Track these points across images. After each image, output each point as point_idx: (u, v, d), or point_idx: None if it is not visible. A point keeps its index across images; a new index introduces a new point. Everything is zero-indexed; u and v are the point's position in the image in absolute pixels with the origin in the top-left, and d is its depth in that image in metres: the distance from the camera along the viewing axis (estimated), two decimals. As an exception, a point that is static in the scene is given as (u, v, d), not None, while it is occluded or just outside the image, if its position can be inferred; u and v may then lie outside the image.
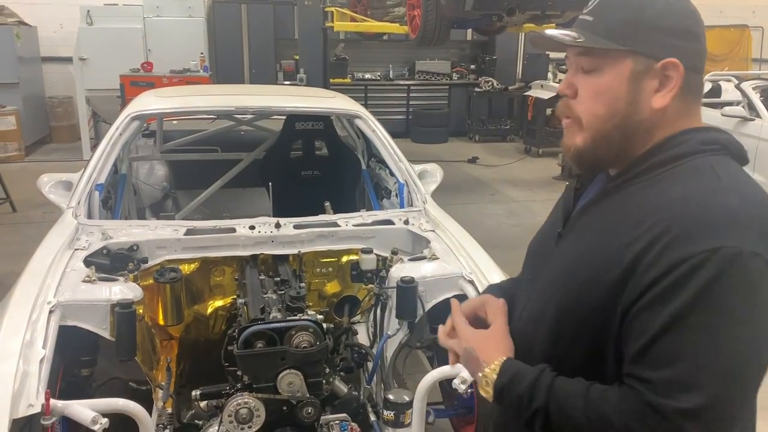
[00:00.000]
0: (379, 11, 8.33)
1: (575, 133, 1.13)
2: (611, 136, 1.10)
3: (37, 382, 1.81)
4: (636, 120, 1.08)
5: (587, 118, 1.11)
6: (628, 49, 1.06)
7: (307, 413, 2.13)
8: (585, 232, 1.13)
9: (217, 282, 2.80)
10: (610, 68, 1.08)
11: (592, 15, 1.11)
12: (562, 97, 1.16)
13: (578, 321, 1.07)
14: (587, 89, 1.10)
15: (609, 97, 1.08)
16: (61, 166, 6.77)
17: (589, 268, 1.06)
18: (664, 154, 1.07)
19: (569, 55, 1.14)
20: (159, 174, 4.47)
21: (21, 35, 9.41)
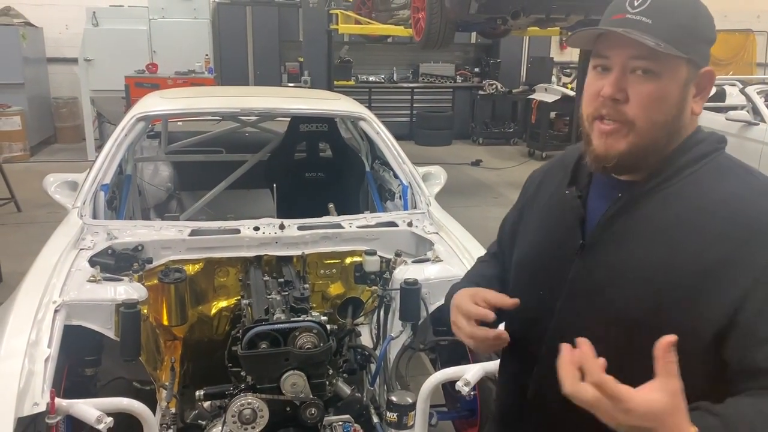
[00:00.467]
0: (383, 14, 8.34)
1: (621, 137, 1.09)
2: (660, 141, 1.10)
3: (42, 381, 1.82)
4: (679, 125, 1.11)
5: (643, 123, 1.08)
6: (687, 58, 1.07)
7: (311, 414, 2.14)
8: (628, 238, 1.10)
9: (222, 283, 2.80)
10: (669, 74, 1.07)
11: (648, 17, 1.06)
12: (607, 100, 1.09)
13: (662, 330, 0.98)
14: (645, 94, 1.07)
15: (667, 104, 1.08)
16: (66, 167, 6.78)
17: (665, 274, 1.04)
18: (690, 154, 1.11)
19: (617, 55, 1.09)
20: (164, 175, 4.48)
21: (27, 36, 9.45)
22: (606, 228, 1.14)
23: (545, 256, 1.24)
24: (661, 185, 1.10)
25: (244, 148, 4.26)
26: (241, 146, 4.30)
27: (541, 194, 1.33)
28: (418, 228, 2.90)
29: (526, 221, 1.35)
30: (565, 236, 1.19)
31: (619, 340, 1.06)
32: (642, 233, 1.09)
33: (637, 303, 1.05)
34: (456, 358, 2.51)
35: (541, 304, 1.21)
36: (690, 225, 1.05)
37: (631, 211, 1.11)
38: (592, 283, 1.13)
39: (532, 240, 1.30)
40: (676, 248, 1.04)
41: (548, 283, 1.21)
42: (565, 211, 1.22)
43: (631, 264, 1.08)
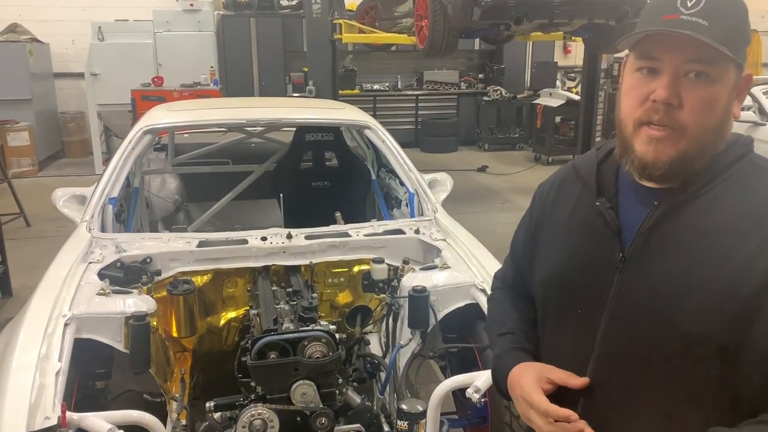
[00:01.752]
0: (387, 22, 8.37)
1: (672, 143, 1.04)
2: (707, 146, 1.06)
3: (53, 394, 1.82)
4: (725, 129, 1.08)
5: (695, 129, 1.03)
6: (737, 61, 1.04)
7: (321, 424, 2.13)
8: (673, 248, 1.05)
9: (230, 293, 2.81)
10: (721, 78, 1.04)
11: (704, 18, 1.01)
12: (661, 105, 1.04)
13: (715, 342, 0.99)
14: (699, 99, 1.03)
15: (718, 108, 1.04)
16: (74, 181, 6.85)
17: (714, 284, 1.00)
18: (726, 156, 1.08)
19: (672, 58, 1.03)
20: (171, 187, 4.50)
21: (34, 52, 9.53)
22: (647, 238, 1.08)
23: (579, 273, 1.16)
24: (700, 190, 1.06)
25: (251, 158, 4.28)
26: (248, 157, 4.32)
27: (559, 208, 1.25)
28: (426, 235, 2.90)
29: (545, 238, 1.27)
30: (601, 250, 1.13)
31: (675, 354, 1.01)
32: (686, 242, 1.04)
33: (690, 314, 1.00)
34: (466, 365, 2.50)
35: (580, 325, 1.14)
36: (735, 230, 1.01)
37: (672, 220, 1.06)
38: (638, 297, 1.07)
39: (559, 257, 1.22)
40: (726, 255, 1.00)
41: (586, 300, 1.14)
42: (596, 224, 1.15)
43: (682, 274, 1.03)
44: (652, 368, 1.02)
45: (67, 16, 10.27)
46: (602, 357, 1.02)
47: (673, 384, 0.99)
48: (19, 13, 10.07)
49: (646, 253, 1.07)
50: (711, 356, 0.99)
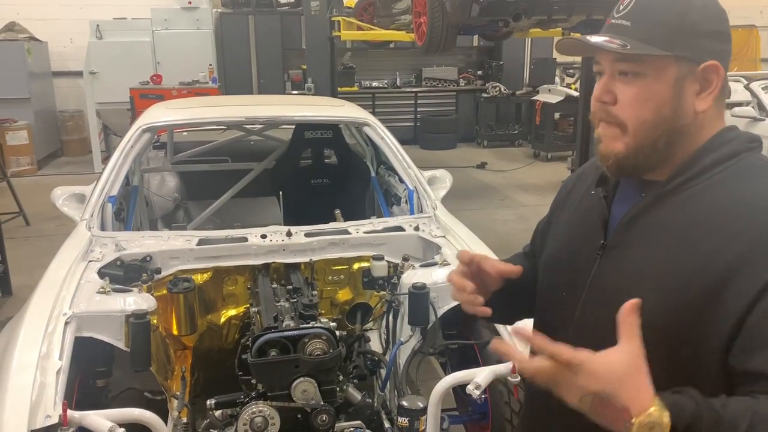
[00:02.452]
0: (385, 19, 8.36)
1: (616, 138, 1.11)
2: (657, 141, 1.09)
3: (54, 393, 1.83)
4: (681, 124, 1.09)
5: (633, 123, 1.09)
6: (673, 55, 1.06)
7: (322, 421, 2.14)
8: (648, 239, 1.09)
9: (230, 291, 2.81)
10: (654, 74, 1.06)
11: (628, 20, 1.08)
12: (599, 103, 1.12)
13: (670, 331, 1.02)
14: (631, 95, 1.08)
15: (655, 103, 1.07)
16: (73, 179, 6.82)
17: (675, 275, 1.03)
18: (715, 154, 1.08)
19: (603, 60, 1.11)
20: (170, 185, 4.50)
21: (32, 51, 9.52)
22: (627, 228, 1.13)
23: (569, 257, 1.23)
24: (684, 185, 1.08)
25: (250, 156, 4.28)
26: (247, 155, 4.32)
27: (573, 197, 1.32)
28: (425, 232, 2.90)
29: (555, 224, 1.35)
30: (590, 236, 1.19)
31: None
32: (661, 234, 1.08)
33: (652, 305, 1.01)
34: (466, 362, 2.50)
35: (563, 305, 1.20)
36: (709, 225, 1.03)
37: (652, 212, 1.10)
38: (609, 285, 1.12)
39: (558, 240, 1.30)
40: (693, 249, 1.02)
41: (571, 283, 1.20)
42: (591, 212, 1.22)
43: (647, 265, 1.07)
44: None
45: (65, 14, 10.26)
46: (574, 339, 1.01)
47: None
48: (17, 11, 10.06)
49: (623, 242, 1.12)
50: (667, 346, 1.02)
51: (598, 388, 0.89)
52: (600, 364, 0.90)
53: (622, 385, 0.88)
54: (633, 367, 0.90)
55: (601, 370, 0.89)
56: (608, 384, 0.89)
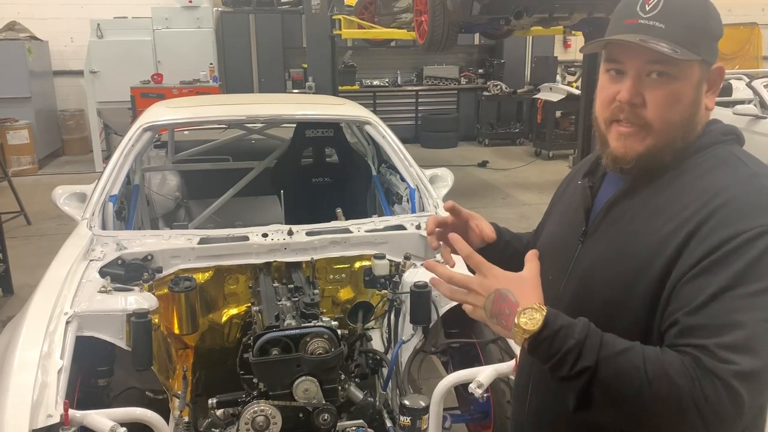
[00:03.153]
0: (386, 18, 8.35)
1: (639, 139, 1.12)
2: (676, 139, 1.12)
3: (56, 392, 1.83)
4: (695, 122, 1.13)
5: (660, 125, 1.11)
6: (701, 58, 1.09)
7: (324, 420, 2.13)
8: (618, 225, 1.15)
9: (232, 290, 2.80)
10: (684, 75, 1.09)
11: (661, 21, 1.09)
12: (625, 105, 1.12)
13: (629, 311, 1.08)
14: (661, 97, 1.10)
15: (683, 104, 1.11)
16: (74, 179, 6.85)
17: (635, 257, 1.09)
18: (694, 145, 1.14)
19: (632, 60, 1.11)
20: (171, 184, 4.50)
21: (33, 50, 9.52)
22: (604, 215, 1.19)
23: (556, 244, 1.30)
24: (659, 173, 1.14)
25: (251, 155, 4.27)
26: (248, 154, 4.31)
27: (569, 189, 1.39)
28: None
29: (550, 214, 1.44)
30: (574, 225, 1.25)
31: (596, 319, 1.09)
32: (629, 220, 1.14)
33: (612, 285, 1.11)
34: (468, 361, 2.50)
35: (549, 289, 1.24)
36: (669, 210, 1.08)
37: (627, 199, 1.16)
38: (582, 267, 1.19)
39: (550, 228, 1.38)
40: (652, 232, 1.08)
41: (555, 269, 1.25)
42: (577, 202, 1.28)
43: (612, 248, 1.14)
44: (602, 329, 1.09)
45: (66, 13, 10.26)
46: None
47: None
48: (18, 11, 10.06)
49: (601, 228, 1.19)
50: (626, 325, 1.08)
51: (497, 286, 1.08)
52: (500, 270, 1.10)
53: (517, 286, 1.08)
54: (528, 281, 1.10)
55: (499, 273, 1.10)
56: (504, 284, 1.08)
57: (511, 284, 1.08)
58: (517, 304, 1.05)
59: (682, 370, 0.95)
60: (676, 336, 1.00)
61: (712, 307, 0.97)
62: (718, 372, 0.94)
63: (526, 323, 1.02)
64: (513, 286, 1.08)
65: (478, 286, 1.10)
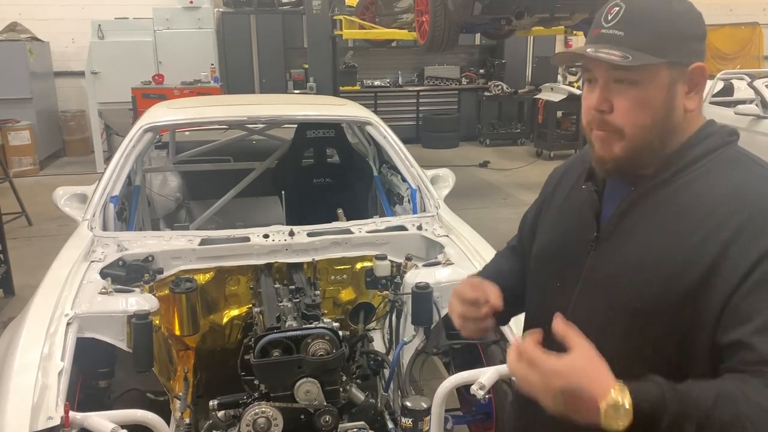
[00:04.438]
0: (387, 18, 8.34)
1: (613, 143, 1.14)
2: (652, 142, 1.13)
3: (56, 394, 1.82)
4: (672, 123, 1.14)
5: (631, 129, 1.12)
6: (666, 61, 1.10)
7: (325, 421, 2.13)
8: (639, 230, 1.14)
9: (233, 291, 2.80)
10: (649, 80, 1.10)
11: (621, 29, 1.11)
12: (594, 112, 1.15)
13: (664, 319, 1.07)
14: (628, 103, 1.11)
15: (651, 108, 1.11)
16: (76, 179, 6.83)
17: (667, 264, 1.07)
18: (699, 147, 1.14)
19: (597, 69, 1.13)
20: (172, 185, 4.49)
21: (34, 51, 9.53)
22: (619, 220, 1.17)
23: (562, 250, 1.27)
24: (671, 179, 1.14)
25: (252, 156, 4.27)
26: (249, 154, 4.31)
27: (560, 190, 1.37)
28: (428, 231, 2.89)
29: (544, 216, 1.40)
30: (582, 229, 1.23)
31: (628, 331, 1.10)
32: (650, 225, 1.13)
33: (644, 293, 1.09)
34: (470, 362, 2.49)
35: (558, 296, 1.24)
36: (694, 215, 1.08)
37: (641, 204, 1.15)
38: (603, 275, 1.17)
39: (549, 234, 1.34)
40: (681, 239, 1.07)
41: (564, 275, 1.24)
42: (582, 205, 1.26)
43: (639, 255, 1.12)
44: (607, 342, 1.07)
45: (67, 14, 10.26)
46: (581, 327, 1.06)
47: (626, 359, 1.05)
48: (19, 12, 10.06)
49: (615, 234, 1.17)
50: (660, 334, 1.07)
51: (564, 384, 0.97)
52: (563, 363, 0.98)
53: (583, 376, 0.97)
54: (590, 360, 0.99)
55: (565, 367, 0.98)
56: (572, 378, 0.97)
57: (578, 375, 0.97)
58: (595, 399, 0.95)
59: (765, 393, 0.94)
60: (747, 357, 0.98)
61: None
62: None
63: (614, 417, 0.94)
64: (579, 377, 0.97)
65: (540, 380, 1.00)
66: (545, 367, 0.99)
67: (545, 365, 0.99)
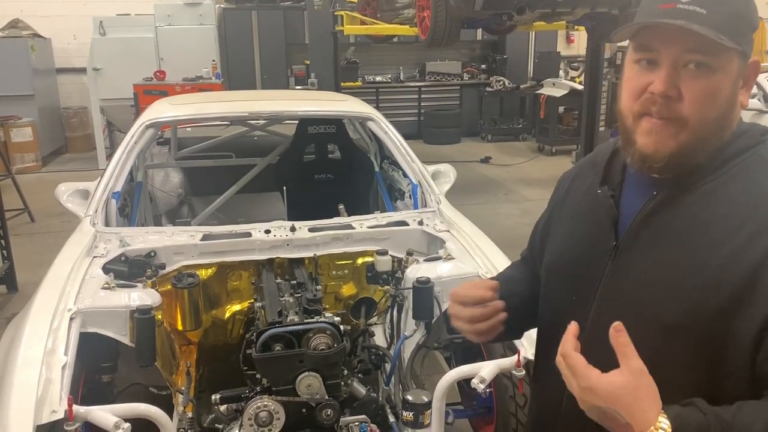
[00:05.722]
0: (388, 13, 8.33)
1: (672, 135, 1.02)
2: (711, 137, 1.03)
3: (60, 388, 1.83)
4: (731, 119, 1.05)
5: (696, 121, 1.01)
6: (741, 49, 1.00)
7: (327, 415, 2.14)
8: (664, 239, 1.04)
9: (234, 286, 2.81)
10: (723, 67, 1.00)
11: (702, 6, 0.98)
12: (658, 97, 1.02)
13: (696, 335, 0.98)
14: (700, 90, 1.00)
15: (721, 99, 1.01)
16: (78, 176, 6.85)
17: (698, 277, 0.98)
18: (733, 147, 1.05)
19: (668, 48, 1.00)
20: (174, 181, 4.50)
21: (36, 48, 9.53)
22: (641, 228, 1.07)
23: (576, 261, 1.18)
24: (700, 181, 1.04)
25: (254, 151, 4.27)
26: (251, 150, 4.31)
27: (572, 196, 1.27)
28: (429, 226, 2.90)
29: (556, 224, 1.29)
30: (598, 238, 1.13)
31: (655, 345, 1.00)
32: (679, 232, 1.03)
33: (673, 307, 1.00)
34: (471, 356, 2.50)
35: (572, 311, 1.13)
36: (730, 221, 0.98)
37: (668, 210, 1.05)
38: (626, 287, 1.07)
39: (562, 243, 1.24)
40: (715, 247, 0.98)
41: (581, 287, 1.15)
42: (597, 212, 1.15)
43: (667, 266, 1.02)
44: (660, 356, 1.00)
45: (69, 11, 10.27)
46: (587, 346, 0.99)
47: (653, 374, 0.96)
48: (21, 8, 10.07)
49: (638, 243, 1.07)
50: (691, 348, 0.99)
51: (602, 405, 0.92)
52: (604, 384, 0.92)
53: (624, 405, 0.90)
54: (636, 388, 0.91)
55: (604, 389, 0.91)
56: (611, 403, 0.91)
57: (619, 401, 0.91)
58: (632, 429, 0.90)
59: None
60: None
61: None
62: None
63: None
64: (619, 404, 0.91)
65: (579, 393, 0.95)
66: (585, 381, 0.93)
67: (585, 379, 0.93)
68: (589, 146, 6.28)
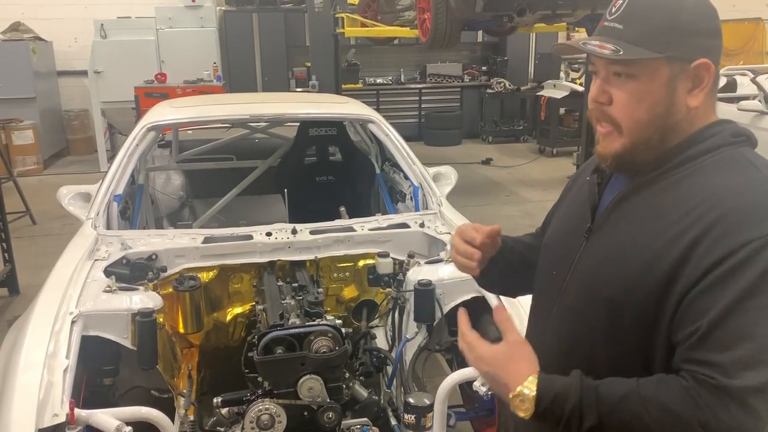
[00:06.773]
0: (389, 16, 8.34)
1: (613, 139, 1.14)
2: (651, 138, 1.12)
3: (62, 391, 1.83)
4: (673, 121, 1.12)
5: (628, 123, 1.11)
6: (665, 56, 1.08)
7: (328, 418, 2.14)
8: (623, 224, 1.14)
9: (236, 289, 2.81)
10: (648, 75, 1.09)
11: (621, 23, 1.11)
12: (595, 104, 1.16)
13: (631, 311, 1.08)
14: (625, 96, 1.11)
15: (649, 103, 1.10)
16: (79, 178, 6.86)
17: (638, 258, 1.08)
18: (699, 146, 1.12)
19: (598, 62, 1.13)
20: (175, 183, 4.51)
21: (37, 50, 9.55)
22: (611, 212, 1.18)
23: (561, 239, 1.30)
24: (663, 175, 1.13)
25: (255, 154, 4.28)
26: (252, 152, 4.32)
27: (576, 185, 1.38)
28: (431, 228, 2.90)
29: (558, 206, 1.43)
30: (579, 221, 1.25)
31: (599, 319, 1.13)
32: (637, 218, 1.13)
33: (615, 284, 1.10)
34: (472, 358, 2.50)
35: (552, 285, 1.26)
36: (676, 213, 1.07)
37: (634, 198, 1.15)
38: (588, 265, 1.19)
39: (555, 223, 1.38)
40: (659, 234, 1.07)
41: (559, 264, 1.26)
42: (583, 198, 1.27)
43: (619, 246, 1.13)
44: (590, 331, 1.15)
45: (70, 14, 10.27)
46: (557, 318, 1.20)
47: (607, 349, 1.11)
48: (22, 11, 10.08)
49: (605, 226, 1.18)
50: (629, 326, 1.09)
51: (489, 370, 1.12)
52: (488, 352, 1.14)
53: (502, 367, 1.10)
54: (512, 354, 1.12)
55: (488, 356, 1.13)
56: (493, 367, 1.12)
57: (497, 363, 1.11)
58: (508, 387, 1.07)
59: (686, 401, 0.96)
60: (688, 351, 1.00)
61: (722, 324, 0.96)
62: (732, 391, 0.93)
63: (520, 406, 1.05)
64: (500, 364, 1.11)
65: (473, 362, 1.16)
66: (476, 351, 1.15)
67: (476, 350, 1.15)
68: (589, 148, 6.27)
